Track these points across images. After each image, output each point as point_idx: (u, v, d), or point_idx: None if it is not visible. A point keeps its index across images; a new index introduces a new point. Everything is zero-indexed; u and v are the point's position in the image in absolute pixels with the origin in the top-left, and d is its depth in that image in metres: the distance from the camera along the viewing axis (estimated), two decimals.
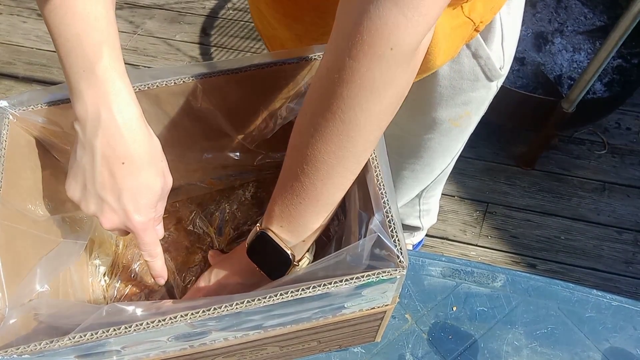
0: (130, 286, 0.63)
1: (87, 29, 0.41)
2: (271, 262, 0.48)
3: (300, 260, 0.49)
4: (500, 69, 0.68)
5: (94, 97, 0.42)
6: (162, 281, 0.55)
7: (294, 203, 0.45)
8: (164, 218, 0.68)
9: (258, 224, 0.49)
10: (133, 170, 0.44)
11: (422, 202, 1.10)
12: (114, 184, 0.44)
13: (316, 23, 0.58)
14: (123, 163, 0.44)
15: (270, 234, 0.47)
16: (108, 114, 0.42)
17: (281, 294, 0.38)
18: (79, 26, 0.40)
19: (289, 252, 0.47)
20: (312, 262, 0.50)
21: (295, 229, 0.46)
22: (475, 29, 0.61)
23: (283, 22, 0.61)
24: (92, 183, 0.44)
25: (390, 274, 0.38)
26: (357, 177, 0.45)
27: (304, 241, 0.47)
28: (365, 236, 0.42)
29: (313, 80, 0.43)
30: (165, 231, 0.67)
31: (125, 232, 0.49)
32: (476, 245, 1.45)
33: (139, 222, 0.47)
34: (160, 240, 0.52)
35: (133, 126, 0.44)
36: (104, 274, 0.64)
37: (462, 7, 0.56)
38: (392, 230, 0.40)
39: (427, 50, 0.58)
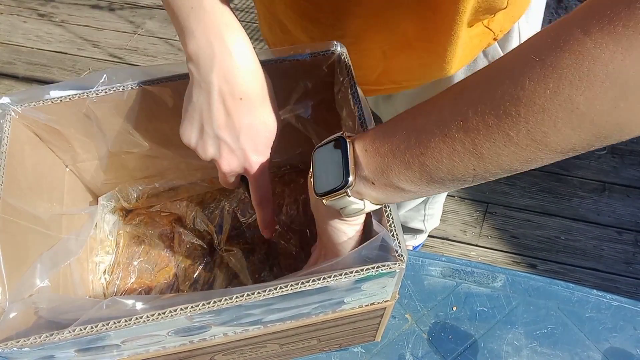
0: (130, 284, 0.63)
1: None
2: (324, 173, 0.40)
3: (357, 196, 0.39)
4: None
5: (205, 31, 0.41)
6: (269, 234, 0.53)
7: (396, 143, 0.36)
8: (164, 216, 0.68)
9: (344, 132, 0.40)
10: (250, 108, 0.44)
11: (427, 207, 1.10)
12: (232, 122, 0.44)
13: (334, 25, 0.57)
14: (241, 99, 0.43)
15: (349, 144, 0.38)
16: (221, 46, 0.41)
17: (281, 287, 0.38)
18: None
19: (350, 178, 0.37)
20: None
21: (377, 167, 0.37)
22: (494, 38, 0.61)
23: (299, 24, 0.60)
24: (209, 123, 0.44)
25: (390, 268, 0.38)
26: None
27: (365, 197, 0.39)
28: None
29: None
30: (165, 229, 0.67)
31: (238, 180, 0.49)
32: (476, 246, 1.45)
33: (257, 162, 0.46)
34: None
35: (247, 58, 0.42)
36: (104, 272, 0.64)
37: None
38: (390, 225, 0.40)
39: (443, 56, 0.57)
